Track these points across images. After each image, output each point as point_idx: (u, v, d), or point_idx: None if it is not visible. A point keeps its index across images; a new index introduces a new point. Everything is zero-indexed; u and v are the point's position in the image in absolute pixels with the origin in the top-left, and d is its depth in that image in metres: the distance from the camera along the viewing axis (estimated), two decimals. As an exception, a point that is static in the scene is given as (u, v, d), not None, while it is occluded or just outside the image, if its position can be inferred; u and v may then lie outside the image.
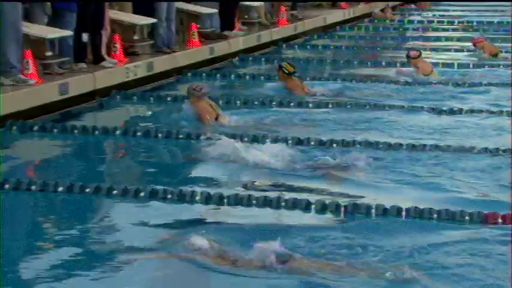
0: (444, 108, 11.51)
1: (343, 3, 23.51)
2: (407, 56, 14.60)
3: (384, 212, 7.14)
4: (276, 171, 8.38)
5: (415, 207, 7.17)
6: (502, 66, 15.38)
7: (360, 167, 8.45)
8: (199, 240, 6.13)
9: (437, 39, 20.51)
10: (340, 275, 5.76)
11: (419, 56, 14.51)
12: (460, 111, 11.40)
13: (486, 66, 15.56)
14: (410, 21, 24.35)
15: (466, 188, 7.99)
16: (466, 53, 17.61)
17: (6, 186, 7.60)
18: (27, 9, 11.61)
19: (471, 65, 15.75)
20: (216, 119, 10.36)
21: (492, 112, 11.38)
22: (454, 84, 13.60)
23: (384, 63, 16.15)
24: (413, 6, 29.24)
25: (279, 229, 6.74)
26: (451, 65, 15.84)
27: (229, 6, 16.59)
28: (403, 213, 7.12)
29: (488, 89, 13.28)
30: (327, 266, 5.97)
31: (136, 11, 14.15)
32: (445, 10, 28.20)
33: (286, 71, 12.58)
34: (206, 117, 10.28)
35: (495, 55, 15.05)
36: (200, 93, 10.35)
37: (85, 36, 12.26)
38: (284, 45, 18.38)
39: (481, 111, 11.43)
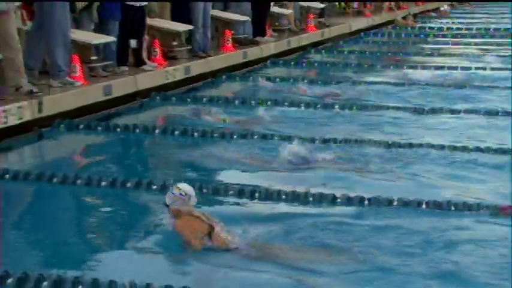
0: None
1: (367, 12, 23.42)
2: None
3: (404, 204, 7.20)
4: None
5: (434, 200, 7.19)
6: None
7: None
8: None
9: (456, 44, 20.34)
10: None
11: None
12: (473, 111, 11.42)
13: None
14: (431, 28, 24.18)
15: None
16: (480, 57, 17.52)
17: (54, 180, 7.66)
18: (76, 17, 11.68)
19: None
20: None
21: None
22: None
23: (405, 67, 16.04)
24: (433, 14, 29.00)
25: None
26: (468, 68, 15.75)
27: (261, 14, 16.57)
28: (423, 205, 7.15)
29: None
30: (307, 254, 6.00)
31: (174, 18, 14.15)
32: (463, 17, 28.01)
33: None
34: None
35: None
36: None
37: (133, 42, 12.31)
38: (312, 50, 18.33)
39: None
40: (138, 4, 12.32)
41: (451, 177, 8.31)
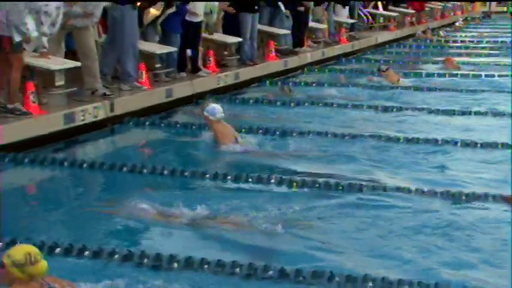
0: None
1: (391, 26, 23.28)
2: (378, 69, 14.84)
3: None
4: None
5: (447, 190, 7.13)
6: None
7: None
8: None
9: (468, 55, 20.14)
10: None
11: (387, 69, 14.70)
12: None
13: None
14: (447, 41, 23.98)
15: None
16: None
17: (124, 169, 7.77)
18: (143, 31, 11.79)
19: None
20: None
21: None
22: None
23: (423, 75, 15.95)
24: (448, 29, 28.67)
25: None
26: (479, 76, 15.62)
27: (300, 28, 16.55)
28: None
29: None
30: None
31: (226, 32, 14.20)
32: (476, 31, 27.65)
33: None
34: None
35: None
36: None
37: (189, 51, 12.40)
38: (343, 59, 18.28)
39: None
40: (195, 20, 12.40)
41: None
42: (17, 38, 8.47)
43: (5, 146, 8.13)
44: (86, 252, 5.36)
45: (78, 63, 10.02)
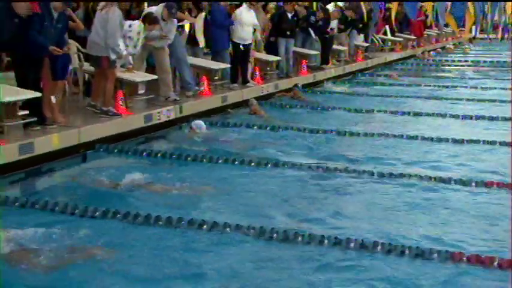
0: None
1: (397, 49, 22.96)
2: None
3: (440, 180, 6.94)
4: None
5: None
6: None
7: None
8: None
9: (463, 73, 19.68)
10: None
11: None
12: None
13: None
14: (440, 60, 23.53)
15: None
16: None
17: (188, 158, 7.75)
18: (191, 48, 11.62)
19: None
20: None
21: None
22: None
23: (423, 86, 15.67)
24: (440, 50, 28.00)
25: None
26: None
27: (326, 50, 16.39)
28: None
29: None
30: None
31: (268, 52, 14.12)
32: (467, 54, 26.96)
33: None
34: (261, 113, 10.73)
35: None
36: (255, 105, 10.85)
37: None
38: (359, 74, 18.03)
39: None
40: (244, 43, 12.27)
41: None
42: (113, 57, 8.56)
43: (100, 140, 8.22)
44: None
45: (155, 76, 10.08)
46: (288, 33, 13.79)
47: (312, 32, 15.65)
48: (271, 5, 15.56)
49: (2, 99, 7.03)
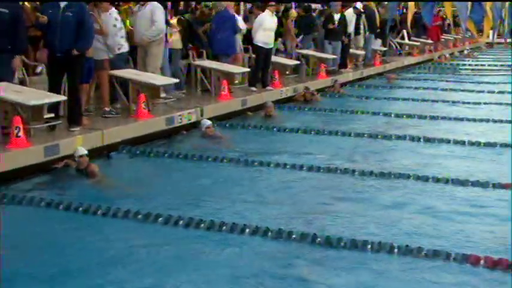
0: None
1: (415, 53, 22.78)
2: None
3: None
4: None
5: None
6: None
7: None
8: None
9: (475, 75, 19.47)
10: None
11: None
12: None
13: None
14: (458, 64, 23.26)
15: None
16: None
17: (209, 159, 7.74)
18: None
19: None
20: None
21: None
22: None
23: (439, 89, 15.54)
24: (459, 54, 27.72)
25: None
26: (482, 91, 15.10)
27: (343, 54, 16.29)
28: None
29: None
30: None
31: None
32: (485, 58, 26.65)
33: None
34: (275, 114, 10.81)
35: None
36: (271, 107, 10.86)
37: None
38: (377, 77, 17.89)
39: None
40: (266, 47, 12.30)
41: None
42: (111, 56, 8.83)
43: (123, 142, 8.25)
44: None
45: (177, 80, 10.11)
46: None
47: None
48: (294, 12, 15.64)
49: (28, 103, 7.08)
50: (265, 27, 12.13)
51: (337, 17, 14.94)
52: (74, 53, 7.55)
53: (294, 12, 16.15)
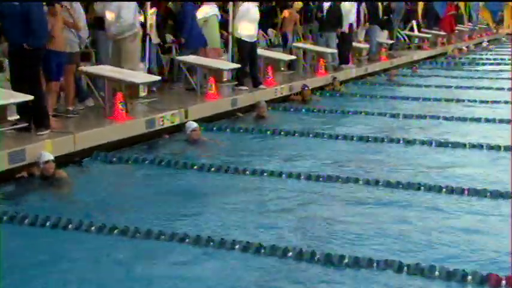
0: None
1: (425, 46, 22.90)
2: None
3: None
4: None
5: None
6: None
7: None
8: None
9: (492, 70, 19.62)
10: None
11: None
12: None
13: None
14: (474, 58, 23.41)
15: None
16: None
17: (195, 167, 7.74)
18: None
19: None
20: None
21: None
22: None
23: (453, 87, 15.64)
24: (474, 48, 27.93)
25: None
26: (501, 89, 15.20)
27: (345, 48, 16.34)
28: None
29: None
30: None
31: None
32: (505, 51, 26.81)
33: None
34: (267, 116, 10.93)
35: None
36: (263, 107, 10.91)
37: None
38: (383, 75, 17.94)
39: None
40: (252, 40, 12.33)
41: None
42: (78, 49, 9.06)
43: (97, 147, 8.25)
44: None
45: (158, 77, 10.13)
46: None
47: None
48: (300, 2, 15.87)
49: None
50: (251, 18, 12.16)
51: (327, 4, 14.91)
52: (26, 47, 7.53)
53: (300, 2, 16.21)
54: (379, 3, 18.71)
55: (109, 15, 9.99)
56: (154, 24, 11.65)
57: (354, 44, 17.24)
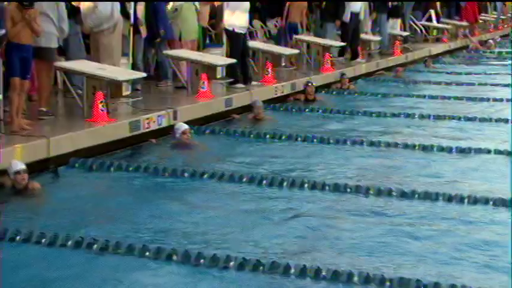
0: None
1: (444, 38, 22.98)
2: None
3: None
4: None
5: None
6: None
7: None
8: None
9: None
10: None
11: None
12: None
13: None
14: (505, 52, 23.42)
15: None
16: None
17: (185, 174, 7.78)
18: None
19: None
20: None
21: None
22: None
23: (476, 84, 15.71)
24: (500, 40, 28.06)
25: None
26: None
27: (353, 40, 16.43)
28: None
29: None
30: None
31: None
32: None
33: None
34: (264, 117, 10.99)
35: None
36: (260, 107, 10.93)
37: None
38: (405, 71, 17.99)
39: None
40: (244, 31, 12.42)
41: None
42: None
43: (75, 153, 8.27)
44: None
45: (144, 74, 10.19)
46: None
47: None
48: None
49: None
50: (245, 7, 12.27)
51: None
52: None
53: None
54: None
55: (85, 6, 10.04)
56: (143, 17, 11.68)
57: (364, 36, 17.31)
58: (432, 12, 22.98)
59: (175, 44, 12.24)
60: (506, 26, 30.80)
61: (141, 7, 11.64)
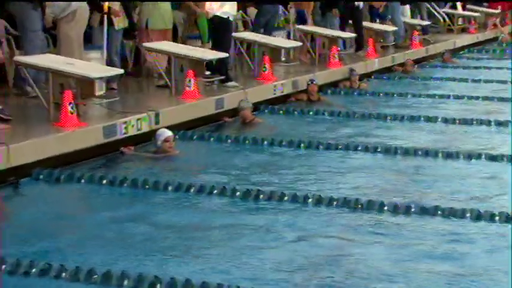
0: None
1: (471, 28, 23.04)
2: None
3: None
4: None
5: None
6: None
7: None
8: None
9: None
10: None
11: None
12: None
13: None
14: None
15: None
16: None
17: (169, 188, 7.80)
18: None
19: None
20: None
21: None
22: None
23: (509, 81, 15.79)
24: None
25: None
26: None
27: (356, 30, 16.53)
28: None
29: None
30: None
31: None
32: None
33: None
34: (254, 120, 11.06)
35: None
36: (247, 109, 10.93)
37: None
38: (416, 66, 18.03)
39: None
40: (232, 19, 12.62)
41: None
42: None
43: (39, 163, 8.25)
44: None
45: (121, 71, 10.20)
46: None
47: None
48: None
49: None
50: None
51: None
52: None
53: None
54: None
55: None
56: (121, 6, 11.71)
57: (377, 26, 17.37)
58: (457, -3, 23.14)
59: (141, 34, 12.25)
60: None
61: None
